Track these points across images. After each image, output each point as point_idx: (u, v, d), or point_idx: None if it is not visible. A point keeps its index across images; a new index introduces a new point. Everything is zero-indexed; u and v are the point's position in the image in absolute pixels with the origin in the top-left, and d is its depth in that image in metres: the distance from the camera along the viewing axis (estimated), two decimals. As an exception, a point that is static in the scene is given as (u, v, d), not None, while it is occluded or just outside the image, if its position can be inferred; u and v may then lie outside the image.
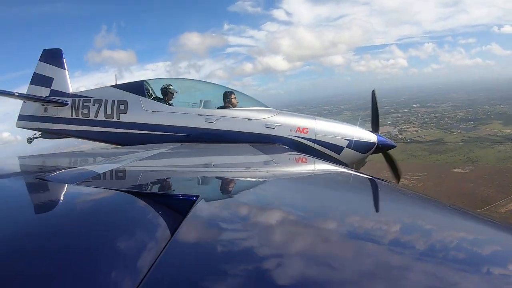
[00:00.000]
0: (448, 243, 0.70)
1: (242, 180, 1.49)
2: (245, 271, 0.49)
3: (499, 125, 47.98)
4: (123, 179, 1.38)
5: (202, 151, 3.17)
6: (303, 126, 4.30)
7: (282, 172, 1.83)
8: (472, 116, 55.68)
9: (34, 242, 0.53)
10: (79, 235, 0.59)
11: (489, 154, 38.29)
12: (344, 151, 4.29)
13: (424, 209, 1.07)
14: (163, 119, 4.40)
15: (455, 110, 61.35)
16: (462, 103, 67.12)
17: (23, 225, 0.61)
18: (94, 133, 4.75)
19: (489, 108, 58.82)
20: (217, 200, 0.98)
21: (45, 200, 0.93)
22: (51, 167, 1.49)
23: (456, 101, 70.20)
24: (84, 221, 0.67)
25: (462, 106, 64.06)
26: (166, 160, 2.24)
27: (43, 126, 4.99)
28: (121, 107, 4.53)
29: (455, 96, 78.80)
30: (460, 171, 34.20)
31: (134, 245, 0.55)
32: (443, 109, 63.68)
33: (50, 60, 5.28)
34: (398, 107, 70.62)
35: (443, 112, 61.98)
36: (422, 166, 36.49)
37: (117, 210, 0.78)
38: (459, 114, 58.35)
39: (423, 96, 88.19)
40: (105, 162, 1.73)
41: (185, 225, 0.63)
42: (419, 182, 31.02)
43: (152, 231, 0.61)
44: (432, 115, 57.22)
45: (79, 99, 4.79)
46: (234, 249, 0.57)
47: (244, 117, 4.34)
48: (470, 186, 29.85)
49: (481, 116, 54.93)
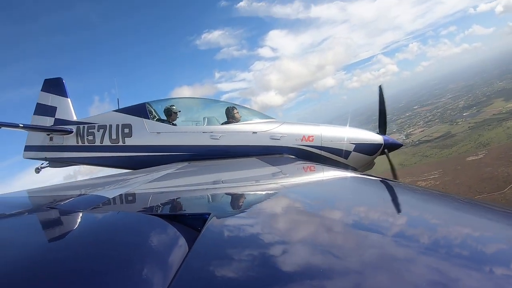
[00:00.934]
0: (473, 241, 0.68)
1: (252, 194, 1.50)
2: (263, 286, 0.48)
3: (501, 102, 47.87)
4: (134, 202, 1.40)
5: (209, 168, 3.21)
6: (308, 134, 4.31)
7: (291, 183, 1.84)
8: (473, 102, 55.88)
9: (53, 270, 0.53)
10: (95, 258, 0.59)
11: (499, 134, 38.02)
12: (352, 155, 4.29)
13: (439, 205, 1.06)
14: (168, 140, 4.45)
15: (455, 100, 61.80)
16: (461, 91, 67.62)
17: (38, 254, 0.62)
18: (100, 158, 4.78)
19: (488, 89, 59.06)
20: (228, 216, 0.97)
21: (57, 228, 0.94)
22: (61, 196, 1.50)
23: (454, 92, 70.74)
24: (97, 244, 0.68)
25: (461, 94, 64.49)
26: (175, 180, 2.25)
27: (50, 155, 5.04)
28: (126, 131, 4.59)
29: (453, 87, 79.40)
30: (475, 158, 33.94)
31: (149, 266, 0.55)
32: (443, 102, 64.18)
33: (52, 89, 5.35)
34: (399, 112, 71.54)
35: (444, 105, 62.45)
36: (436, 163, 36.49)
37: (129, 232, 0.79)
38: (460, 103, 58.66)
39: (422, 95, 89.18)
40: (114, 187, 1.75)
41: (198, 244, 0.63)
42: (436, 180, 31.01)
43: (165, 251, 0.62)
44: (434, 111, 57.60)
45: (83, 126, 4.86)
46: (250, 265, 0.55)
47: (249, 130, 4.38)
48: (488, 170, 29.55)
49: (481, 99, 55.11)
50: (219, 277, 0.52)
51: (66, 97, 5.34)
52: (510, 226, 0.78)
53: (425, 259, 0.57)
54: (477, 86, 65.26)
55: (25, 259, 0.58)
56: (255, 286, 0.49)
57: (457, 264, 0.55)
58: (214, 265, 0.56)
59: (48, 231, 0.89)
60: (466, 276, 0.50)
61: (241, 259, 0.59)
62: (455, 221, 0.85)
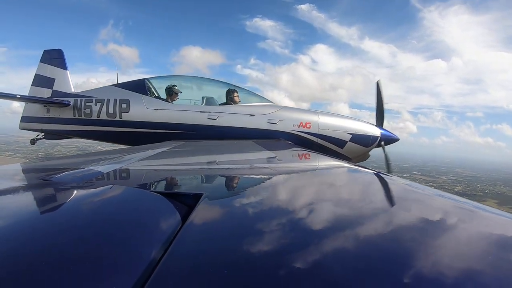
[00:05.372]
0: (458, 235, 0.70)
1: (246, 176, 1.50)
2: (251, 267, 0.49)
3: (493, 204, 47.79)
4: (127, 179, 1.39)
5: (205, 148, 3.19)
6: (306, 120, 4.29)
7: (285, 168, 1.84)
8: (469, 192, 55.65)
9: (42, 242, 0.53)
10: (85, 232, 0.59)
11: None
12: (347, 145, 4.29)
13: (431, 202, 1.05)
14: (165, 117, 4.41)
15: (454, 184, 61.57)
16: (464, 178, 67.40)
17: (28, 226, 0.61)
18: (97, 132, 4.76)
19: (489, 187, 58.82)
20: (221, 197, 0.98)
21: (50, 201, 0.93)
22: (54, 169, 1.48)
23: (457, 176, 70.38)
24: (89, 217, 0.68)
25: (463, 181, 64.23)
26: (170, 159, 2.24)
27: (46, 127, 5.00)
28: (123, 106, 4.54)
29: (459, 171, 78.95)
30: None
31: (141, 239, 0.56)
32: (443, 180, 63.97)
33: (51, 61, 5.29)
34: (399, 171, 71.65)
35: (442, 183, 62.22)
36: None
37: (122, 206, 0.79)
38: (457, 187, 58.47)
39: (427, 166, 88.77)
40: (108, 163, 1.73)
41: (189, 223, 0.63)
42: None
43: (155, 229, 0.61)
44: (430, 184, 57.63)
45: (81, 99, 4.80)
46: (238, 246, 0.56)
47: (247, 113, 4.35)
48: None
49: (478, 193, 54.92)
50: (211, 253, 0.53)
51: (65, 69, 5.28)
52: (502, 228, 0.78)
53: (410, 252, 0.57)
54: (480, 181, 64.87)
55: (16, 232, 0.58)
56: (243, 262, 0.50)
57: (440, 257, 0.55)
58: (205, 241, 0.58)
59: (40, 203, 0.88)
60: (450, 270, 0.51)
61: (231, 237, 0.61)
62: (443, 217, 0.87)
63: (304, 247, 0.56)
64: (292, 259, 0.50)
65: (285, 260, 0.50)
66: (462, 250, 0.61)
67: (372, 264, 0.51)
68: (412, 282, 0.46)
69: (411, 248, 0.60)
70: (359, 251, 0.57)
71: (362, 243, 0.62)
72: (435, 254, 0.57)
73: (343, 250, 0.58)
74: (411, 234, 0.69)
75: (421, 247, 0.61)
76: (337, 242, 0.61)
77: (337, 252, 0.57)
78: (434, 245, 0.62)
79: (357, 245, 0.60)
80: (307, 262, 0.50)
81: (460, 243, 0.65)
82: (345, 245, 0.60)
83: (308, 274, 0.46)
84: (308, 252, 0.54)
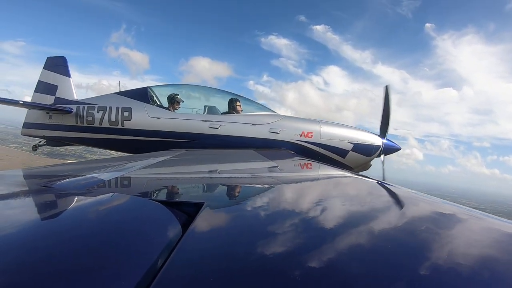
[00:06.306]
0: (456, 241, 0.70)
1: (247, 186, 1.49)
2: (253, 278, 0.48)
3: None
4: (128, 187, 1.37)
5: (206, 157, 3.18)
6: (307, 130, 4.29)
7: (287, 177, 1.84)
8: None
9: (43, 249, 0.52)
10: (85, 240, 0.58)
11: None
12: (349, 154, 4.27)
13: (440, 209, 1.04)
14: (167, 126, 4.41)
15: (458, 214, 60.60)
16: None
17: (29, 233, 0.61)
18: (98, 140, 4.75)
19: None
20: (222, 206, 0.97)
21: (51, 207, 0.92)
22: (56, 176, 1.48)
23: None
24: (87, 226, 0.67)
25: (465, 211, 63.32)
26: (171, 167, 2.23)
27: (48, 133, 4.99)
28: (126, 114, 4.55)
29: (464, 202, 78.06)
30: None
31: (141, 247, 0.55)
32: (446, 210, 63.13)
33: (54, 68, 5.30)
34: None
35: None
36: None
37: (123, 214, 0.78)
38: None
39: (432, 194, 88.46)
40: (110, 170, 1.72)
41: (190, 232, 0.63)
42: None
43: (156, 238, 0.61)
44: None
45: (83, 107, 4.80)
46: (240, 256, 0.56)
47: (249, 122, 4.35)
48: None
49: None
50: (212, 262, 0.53)
51: (68, 76, 5.31)
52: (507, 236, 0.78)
53: (410, 258, 0.58)
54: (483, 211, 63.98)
55: (17, 238, 0.58)
56: (244, 272, 0.50)
57: (438, 263, 0.56)
58: (206, 251, 0.58)
59: (41, 210, 0.88)
60: (448, 276, 0.51)
61: (232, 247, 0.61)
62: (443, 225, 0.86)
63: (306, 257, 0.55)
64: (293, 269, 0.50)
65: (286, 271, 0.50)
66: (469, 259, 0.61)
67: (377, 275, 0.51)
68: None
69: (417, 258, 0.59)
70: (364, 262, 0.57)
71: (366, 253, 0.61)
72: (441, 264, 0.56)
73: (348, 262, 0.57)
74: (416, 243, 0.68)
75: (427, 255, 0.60)
76: (341, 252, 0.61)
77: (342, 263, 0.56)
78: (440, 254, 0.61)
79: (362, 257, 0.60)
80: (309, 272, 0.49)
81: (467, 252, 0.65)
82: (350, 255, 0.60)
83: (312, 285, 0.45)
84: (310, 262, 0.53)
